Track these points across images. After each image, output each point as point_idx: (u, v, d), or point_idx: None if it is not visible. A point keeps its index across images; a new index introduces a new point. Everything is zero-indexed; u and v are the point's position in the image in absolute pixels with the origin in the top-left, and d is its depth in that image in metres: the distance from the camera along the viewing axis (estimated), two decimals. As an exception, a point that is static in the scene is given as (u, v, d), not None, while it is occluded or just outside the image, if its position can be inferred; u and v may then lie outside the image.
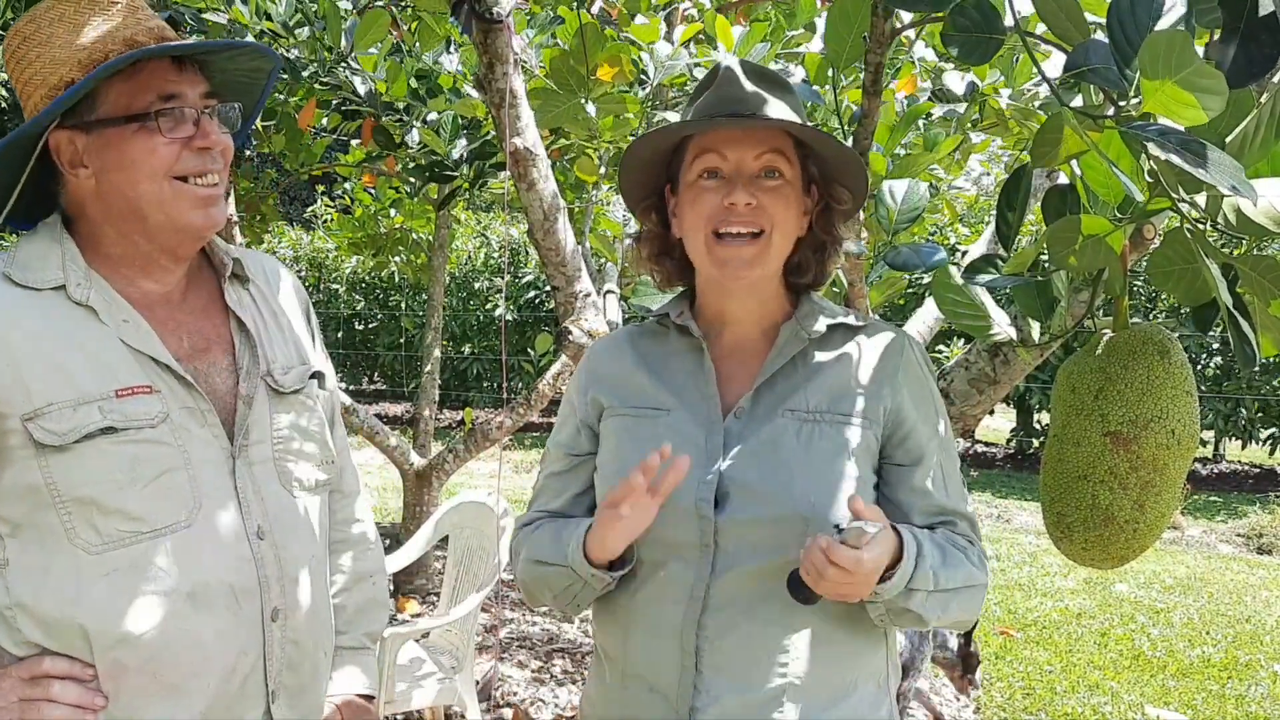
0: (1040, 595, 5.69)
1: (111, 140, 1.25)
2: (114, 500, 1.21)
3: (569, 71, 2.41)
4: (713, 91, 1.33)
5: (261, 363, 1.36)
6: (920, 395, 1.37)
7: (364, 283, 13.03)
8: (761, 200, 1.30)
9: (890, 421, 1.34)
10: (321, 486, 1.42)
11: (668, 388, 1.38)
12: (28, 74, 1.28)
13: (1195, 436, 1.37)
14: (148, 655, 1.22)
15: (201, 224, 1.29)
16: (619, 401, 1.40)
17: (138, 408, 1.23)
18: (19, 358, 1.21)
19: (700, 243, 1.33)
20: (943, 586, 1.27)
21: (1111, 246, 1.26)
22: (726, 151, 1.31)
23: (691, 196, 1.33)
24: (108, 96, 1.25)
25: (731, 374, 1.37)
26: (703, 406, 1.35)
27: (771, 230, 1.30)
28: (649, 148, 1.37)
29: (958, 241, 8.85)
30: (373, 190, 5.86)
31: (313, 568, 1.37)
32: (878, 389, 1.34)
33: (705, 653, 1.28)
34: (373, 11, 3.42)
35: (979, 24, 1.24)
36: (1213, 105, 1.01)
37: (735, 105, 1.31)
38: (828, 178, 1.37)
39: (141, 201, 1.26)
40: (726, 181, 1.31)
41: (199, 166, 1.28)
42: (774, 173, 1.31)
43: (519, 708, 3.82)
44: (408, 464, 4.86)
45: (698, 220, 1.32)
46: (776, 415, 1.32)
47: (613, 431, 1.40)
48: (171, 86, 1.27)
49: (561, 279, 2.44)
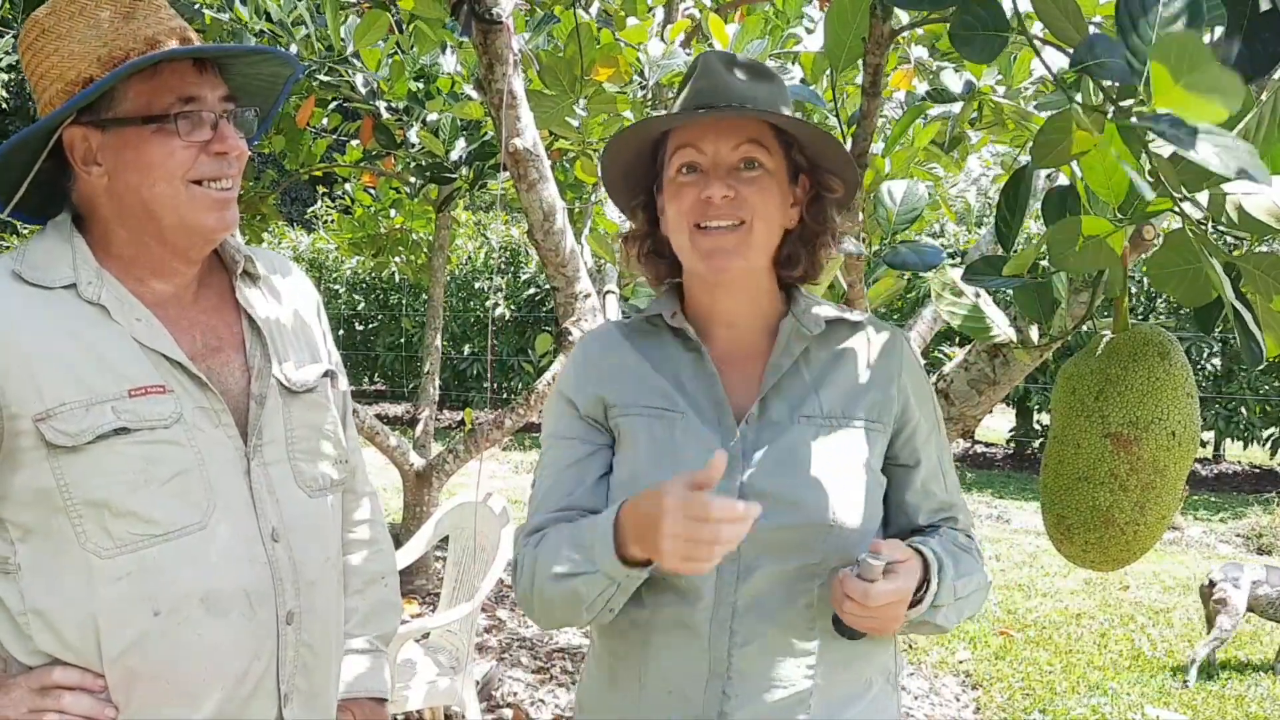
0: (1040, 595, 5.68)
1: (129, 140, 1.23)
2: (127, 502, 1.19)
3: (561, 73, 2.41)
4: (691, 84, 1.32)
5: (274, 362, 1.34)
6: (921, 394, 1.39)
7: (364, 283, 13.02)
8: (740, 191, 1.28)
9: (898, 422, 1.36)
10: (335, 486, 1.41)
11: (676, 388, 1.35)
12: (44, 66, 1.26)
13: (1196, 438, 1.37)
14: (159, 661, 1.21)
15: (215, 227, 1.28)
16: (628, 399, 1.36)
17: (151, 408, 1.21)
18: (30, 357, 1.19)
19: (684, 238, 1.31)
20: (960, 595, 1.30)
21: (1112, 247, 1.25)
22: (703, 145, 1.30)
23: (673, 192, 1.32)
24: (126, 95, 1.23)
25: (733, 376, 1.35)
26: (713, 411, 1.32)
27: (752, 219, 1.29)
28: (629, 147, 1.36)
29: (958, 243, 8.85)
30: (373, 190, 5.86)
31: (326, 570, 1.36)
32: (886, 389, 1.35)
33: (734, 658, 1.27)
34: (373, 11, 3.42)
35: (985, 21, 1.23)
36: (1229, 106, 1.00)
37: (712, 97, 1.29)
38: (816, 166, 1.36)
39: (156, 204, 1.24)
40: (704, 175, 1.30)
41: (215, 171, 1.26)
42: (753, 163, 1.30)
43: (518, 708, 3.82)
44: (408, 464, 4.86)
45: (679, 216, 1.31)
46: (792, 422, 1.31)
47: (628, 433, 1.34)
48: (192, 89, 1.25)
49: (561, 279, 2.44)
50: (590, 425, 1.38)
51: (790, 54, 2.92)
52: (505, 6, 2.20)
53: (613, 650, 1.37)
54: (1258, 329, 1.21)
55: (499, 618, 4.82)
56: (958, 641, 4.82)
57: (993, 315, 1.69)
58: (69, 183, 1.29)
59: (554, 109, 2.46)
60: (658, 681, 1.31)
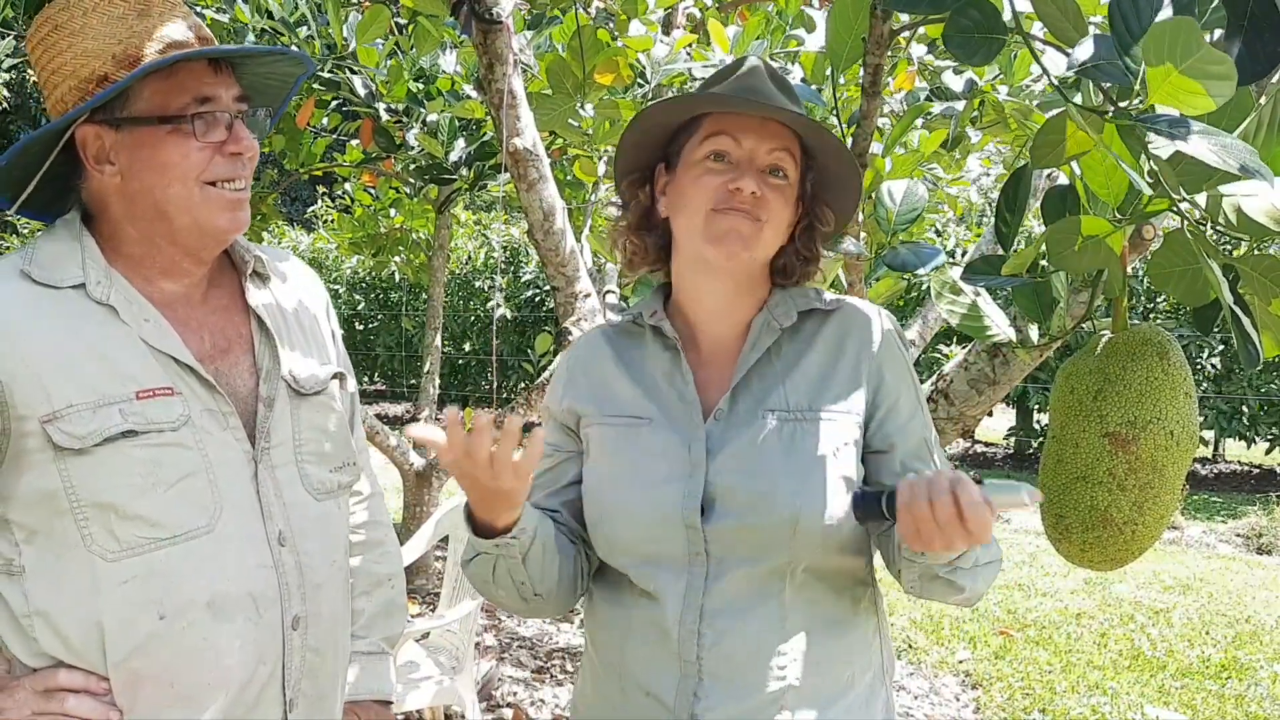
0: (1040, 595, 5.68)
1: (144, 140, 1.22)
2: (133, 505, 1.18)
3: (565, 75, 2.41)
4: (736, 80, 1.32)
5: (283, 363, 1.33)
6: (897, 373, 1.35)
7: (364, 283, 13.02)
8: (765, 193, 1.29)
9: (870, 407, 1.32)
10: (343, 489, 1.40)
11: (647, 393, 1.36)
12: (57, 63, 1.24)
13: (1194, 438, 1.37)
14: (164, 665, 1.20)
15: (228, 227, 1.27)
16: (597, 409, 1.37)
17: (159, 410, 1.21)
18: (37, 358, 1.18)
19: (698, 219, 1.29)
20: (982, 560, 1.25)
21: (1111, 247, 1.26)
22: (741, 137, 1.30)
23: (695, 175, 1.31)
24: (141, 94, 1.22)
25: (709, 375, 1.35)
26: (683, 412, 1.33)
27: (768, 222, 1.29)
28: (662, 115, 1.34)
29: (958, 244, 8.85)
30: (373, 190, 5.86)
31: (333, 573, 1.35)
32: (855, 376, 1.32)
33: (705, 660, 1.27)
34: (374, 7, 3.42)
35: (980, 24, 1.23)
36: (1222, 92, 1.00)
37: (755, 94, 1.30)
38: (817, 196, 1.36)
39: (169, 204, 1.23)
40: (734, 167, 1.29)
41: (229, 172, 1.26)
42: (779, 171, 1.31)
43: (518, 708, 3.82)
44: (408, 464, 4.86)
45: (698, 198, 1.29)
46: (757, 416, 1.30)
47: (594, 442, 1.37)
48: (208, 89, 1.24)
49: (561, 279, 2.44)
50: (563, 433, 1.41)
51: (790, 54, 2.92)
52: (505, 6, 2.20)
53: (598, 652, 1.39)
54: (1255, 331, 1.22)
55: (498, 617, 4.82)
56: (957, 641, 4.82)
57: (992, 315, 1.69)
58: (79, 180, 1.28)
59: (556, 110, 2.46)
60: (635, 683, 1.32)
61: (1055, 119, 1.19)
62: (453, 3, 2.27)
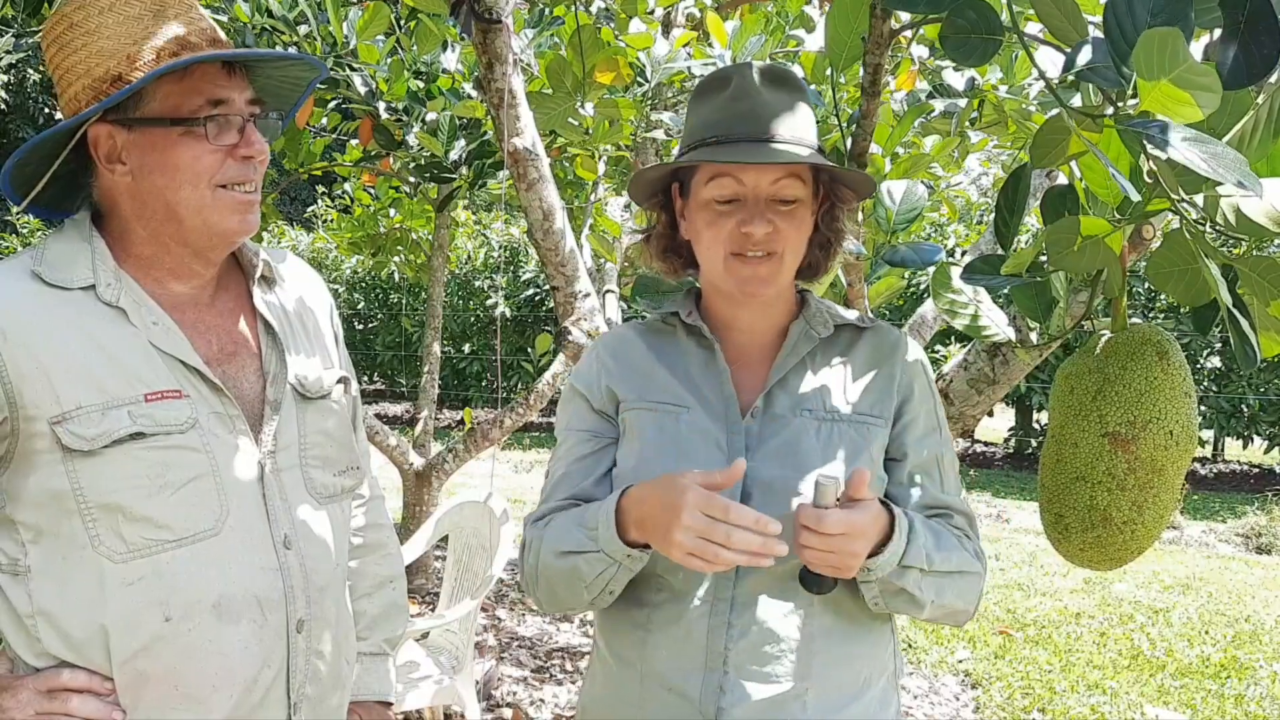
0: (1040, 595, 5.69)
1: (156, 141, 1.22)
2: (141, 507, 1.18)
3: (565, 74, 2.41)
4: (726, 103, 1.32)
5: (289, 367, 1.34)
6: (922, 394, 1.41)
7: (364, 282, 13.03)
8: (777, 224, 1.31)
9: (896, 418, 1.38)
10: (346, 493, 1.40)
11: (684, 385, 1.39)
12: (70, 61, 1.24)
13: (1193, 438, 1.37)
14: (169, 666, 1.20)
15: (238, 230, 1.27)
16: (636, 394, 1.40)
17: (167, 413, 1.21)
18: (47, 359, 1.18)
19: (718, 262, 1.34)
20: (937, 568, 1.29)
21: (1110, 247, 1.26)
22: (742, 175, 1.31)
23: (708, 219, 1.33)
24: (155, 95, 1.22)
25: (741, 375, 1.39)
26: (720, 406, 1.36)
27: (785, 250, 1.32)
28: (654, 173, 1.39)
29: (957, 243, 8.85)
30: (372, 190, 5.85)
31: (337, 576, 1.36)
32: (888, 386, 1.38)
33: (731, 653, 1.28)
34: (373, 5, 3.42)
35: (977, 25, 1.23)
36: (1208, 103, 1.01)
37: (751, 122, 1.30)
38: (835, 179, 1.39)
39: (180, 206, 1.24)
40: (742, 205, 1.31)
41: (241, 175, 1.25)
42: (788, 200, 1.32)
43: (518, 708, 3.82)
44: (407, 464, 4.86)
45: (715, 242, 1.33)
46: (795, 415, 1.35)
47: (635, 426, 1.39)
48: (221, 91, 1.24)
49: (561, 279, 2.44)
50: (602, 419, 1.42)
51: (790, 54, 2.92)
52: (505, 6, 2.20)
53: (614, 650, 1.39)
54: (1253, 331, 1.22)
55: (498, 617, 4.82)
56: (957, 641, 4.82)
57: (992, 315, 1.69)
58: (89, 178, 1.28)
59: (556, 110, 2.46)
60: (656, 680, 1.32)
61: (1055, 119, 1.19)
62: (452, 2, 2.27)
